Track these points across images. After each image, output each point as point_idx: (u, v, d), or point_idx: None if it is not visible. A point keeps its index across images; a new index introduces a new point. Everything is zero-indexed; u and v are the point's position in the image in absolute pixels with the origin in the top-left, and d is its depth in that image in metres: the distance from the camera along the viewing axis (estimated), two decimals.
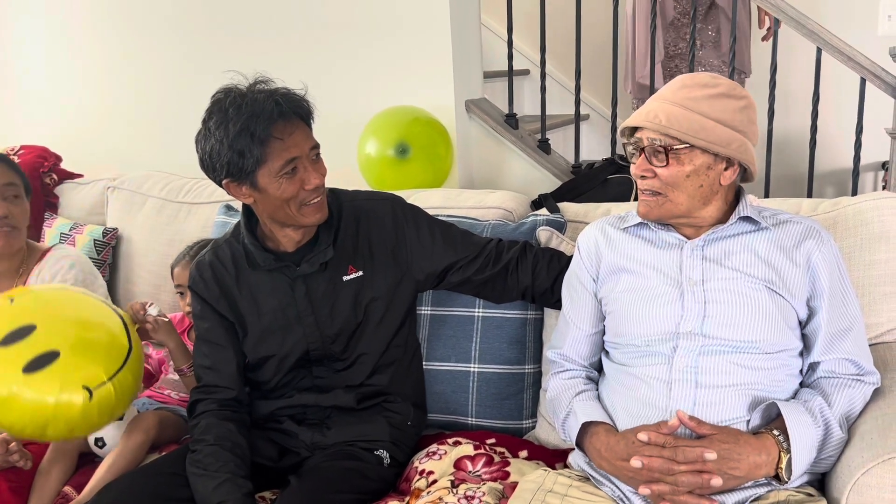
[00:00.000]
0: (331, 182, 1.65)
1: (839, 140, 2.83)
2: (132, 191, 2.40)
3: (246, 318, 1.58)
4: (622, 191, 2.16)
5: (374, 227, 1.61)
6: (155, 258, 2.25)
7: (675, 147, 1.29)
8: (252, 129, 1.38)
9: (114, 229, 2.35)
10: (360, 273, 1.58)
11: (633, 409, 1.33)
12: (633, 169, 1.37)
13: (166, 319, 1.75)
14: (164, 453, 1.68)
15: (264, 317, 1.57)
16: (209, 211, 2.23)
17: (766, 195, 2.31)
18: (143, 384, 2.04)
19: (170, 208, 2.31)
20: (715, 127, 1.28)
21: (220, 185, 1.48)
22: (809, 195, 2.24)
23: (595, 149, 3.39)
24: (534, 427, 1.74)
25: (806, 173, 2.32)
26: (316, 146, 1.49)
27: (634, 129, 1.36)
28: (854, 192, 2.12)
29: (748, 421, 1.27)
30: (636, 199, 2.17)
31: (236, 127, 1.38)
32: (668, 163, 1.29)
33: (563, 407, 1.43)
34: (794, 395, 1.33)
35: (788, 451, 1.20)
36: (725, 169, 1.32)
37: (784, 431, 1.22)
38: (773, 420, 1.27)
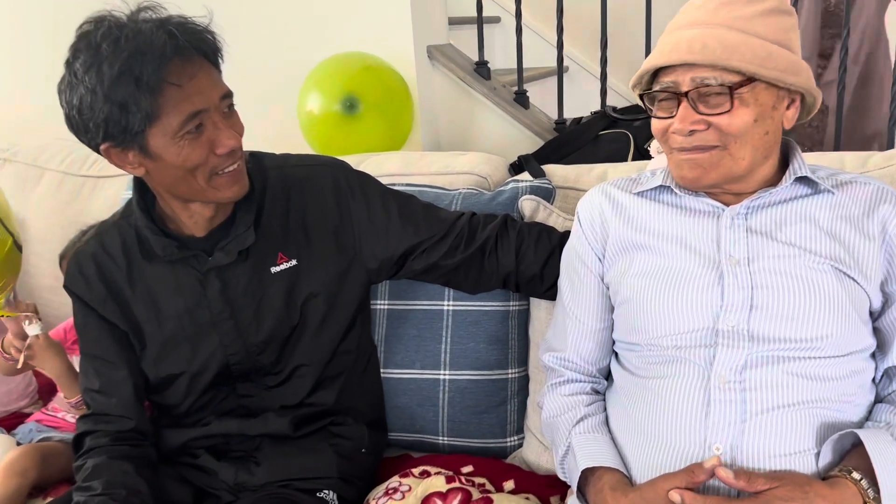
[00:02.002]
0: (267, 146, 1.29)
1: None
2: (26, 164, 2.02)
3: (143, 326, 1.21)
4: (616, 148, 1.82)
5: (309, 202, 1.24)
6: (55, 244, 1.84)
7: (740, 84, 0.96)
8: (137, 71, 1.01)
9: None
10: (293, 262, 1.22)
11: (653, 441, 1.00)
12: (663, 124, 1.02)
13: (46, 344, 1.37)
14: (48, 499, 1.32)
15: (167, 323, 1.20)
16: (118, 185, 1.87)
17: None
18: (42, 399, 1.68)
19: (71, 183, 1.94)
20: (781, 52, 0.97)
21: (98, 152, 1.10)
22: (837, 148, 1.91)
23: (575, 105, 3.02)
24: (521, 445, 1.40)
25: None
26: (228, 94, 1.11)
27: (652, 77, 1.03)
28: (891, 144, 1.79)
29: (817, 454, 0.95)
30: (636, 158, 1.85)
31: (113, 69, 1.01)
32: (732, 106, 0.96)
33: (561, 439, 1.10)
34: (869, 415, 1.01)
35: (876, 499, 0.88)
36: (787, 107, 1.01)
37: (866, 472, 0.90)
38: (846, 454, 0.94)
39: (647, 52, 2.33)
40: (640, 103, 1.08)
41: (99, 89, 1.01)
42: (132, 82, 1.00)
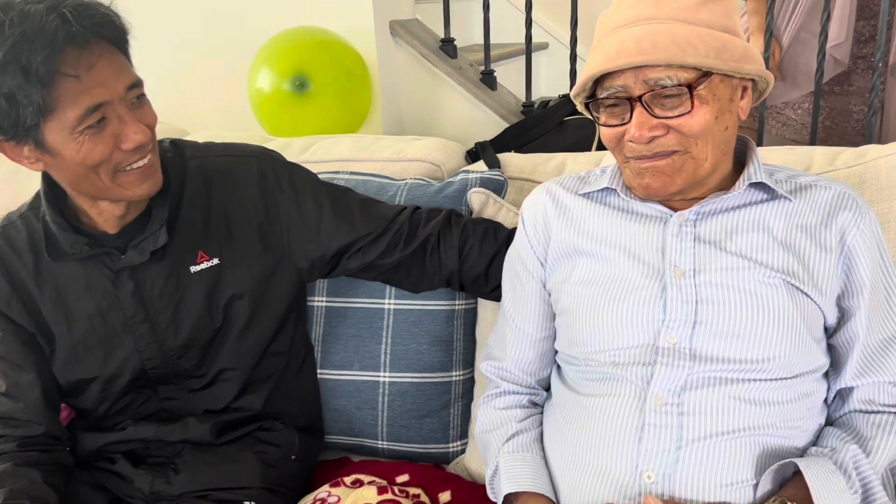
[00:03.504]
0: (216, 129, 1.20)
1: None
2: None
3: (52, 328, 1.13)
4: (582, 136, 1.73)
5: (232, 196, 1.15)
6: None
7: (698, 81, 0.88)
8: (24, 61, 0.92)
9: None
10: (215, 261, 1.14)
11: (583, 464, 0.94)
12: (615, 132, 0.94)
13: None
14: None
15: (77, 325, 1.12)
16: None
17: (759, 144, 1.88)
18: None
19: (9, 162, 1.80)
20: (732, 40, 0.90)
21: None
22: (813, 142, 1.83)
23: (556, 84, 2.91)
24: (464, 451, 1.34)
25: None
26: (136, 84, 1.02)
27: (596, 82, 0.94)
28: (870, 139, 1.71)
29: (755, 485, 0.88)
30: (599, 148, 1.76)
31: None
32: (693, 107, 0.88)
33: (491, 456, 1.03)
34: (817, 440, 0.94)
35: None
36: (741, 97, 0.94)
37: (803, 503, 0.83)
38: (787, 482, 0.88)
39: None
40: (584, 112, 1.00)
41: None
42: (19, 72, 0.91)
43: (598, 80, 0.93)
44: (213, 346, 1.16)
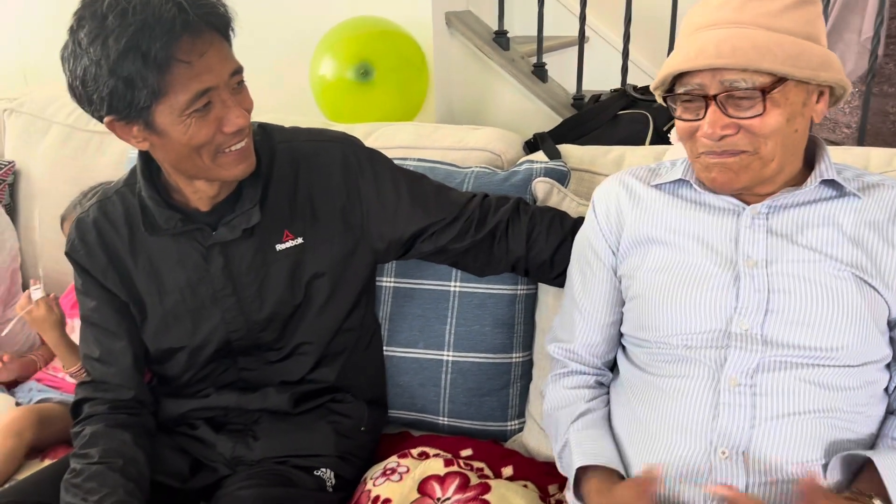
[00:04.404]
0: (277, 114, 1.25)
1: None
2: (33, 115, 1.97)
3: (144, 298, 1.19)
4: (635, 130, 1.77)
5: (317, 179, 1.20)
6: (57, 199, 1.83)
7: (772, 86, 0.92)
8: (144, 47, 0.97)
9: (10, 163, 1.92)
10: (299, 240, 1.19)
11: (656, 440, 0.99)
12: (689, 126, 0.98)
13: (41, 314, 1.37)
14: (46, 461, 1.32)
15: (168, 297, 1.18)
16: (125, 143, 1.77)
17: None
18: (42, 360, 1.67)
19: (77, 138, 1.90)
20: (812, 48, 0.93)
21: (102, 122, 1.07)
22: (861, 142, 1.86)
23: (595, 79, 2.95)
24: (521, 429, 1.39)
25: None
26: (238, 70, 1.07)
27: (676, 77, 0.98)
28: None
29: (825, 465, 0.93)
30: (654, 141, 1.80)
31: (120, 44, 0.97)
32: (765, 109, 0.92)
33: (560, 432, 1.08)
34: (880, 428, 0.99)
35: None
36: (817, 101, 0.97)
37: (879, 494, 0.89)
38: (858, 475, 0.93)
39: (673, 26, 2.26)
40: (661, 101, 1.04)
41: (104, 63, 0.97)
42: (139, 58, 0.97)
43: (678, 76, 0.98)
44: (294, 320, 1.21)
